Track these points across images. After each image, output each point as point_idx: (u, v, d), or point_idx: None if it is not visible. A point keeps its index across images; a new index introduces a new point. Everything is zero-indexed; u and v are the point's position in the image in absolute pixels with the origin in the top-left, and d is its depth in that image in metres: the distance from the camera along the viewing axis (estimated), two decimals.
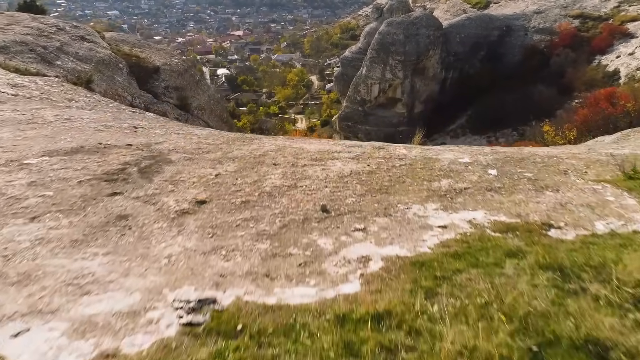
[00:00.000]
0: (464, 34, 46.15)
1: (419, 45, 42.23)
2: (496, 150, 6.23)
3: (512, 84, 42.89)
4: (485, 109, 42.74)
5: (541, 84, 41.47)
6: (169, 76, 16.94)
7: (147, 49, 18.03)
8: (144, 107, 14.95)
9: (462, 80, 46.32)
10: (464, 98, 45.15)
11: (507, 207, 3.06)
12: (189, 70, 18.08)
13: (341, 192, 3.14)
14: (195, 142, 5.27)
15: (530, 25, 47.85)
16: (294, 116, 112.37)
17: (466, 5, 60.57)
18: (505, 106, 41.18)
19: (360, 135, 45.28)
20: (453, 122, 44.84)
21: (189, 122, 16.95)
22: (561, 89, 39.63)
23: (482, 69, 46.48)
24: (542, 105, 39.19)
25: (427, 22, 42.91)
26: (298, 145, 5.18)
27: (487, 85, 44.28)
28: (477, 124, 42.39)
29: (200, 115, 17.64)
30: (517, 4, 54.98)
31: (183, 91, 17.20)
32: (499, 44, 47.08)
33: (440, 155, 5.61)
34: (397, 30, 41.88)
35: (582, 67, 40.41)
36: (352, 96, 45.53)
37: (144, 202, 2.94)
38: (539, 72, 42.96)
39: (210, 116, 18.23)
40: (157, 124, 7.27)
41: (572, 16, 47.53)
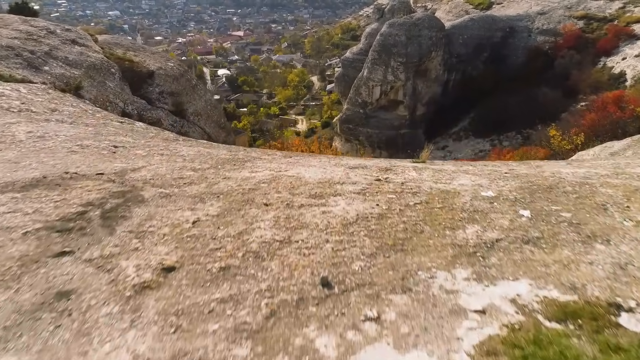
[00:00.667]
0: (467, 35, 45.50)
1: (421, 46, 41.58)
2: (516, 173, 5.58)
3: (516, 86, 42.23)
4: (488, 112, 42.08)
5: (545, 86, 40.82)
6: (164, 81, 16.32)
7: (141, 53, 17.41)
8: (137, 113, 14.34)
9: (465, 82, 45.68)
10: (466, 100, 44.49)
11: (555, 272, 2.43)
12: (185, 75, 17.46)
13: (346, 251, 2.51)
14: (179, 168, 4.63)
15: (534, 27, 47.17)
16: (294, 117, 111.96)
17: (468, 6, 59.91)
18: (508, 109, 40.52)
19: (362, 138, 44.67)
20: (456, 124, 44.19)
21: (185, 128, 16.34)
22: (566, 92, 38.96)
23: (485, 71, 45.82)
24: (547, 108, 38.54)
25: (429, 24, 42.27)
26: (295, 173, 4.54)
27: (490, 88, 43.62)
28: (480, 127, 41.74)
29: (196, 121, 17.02)
30: (520, 5, 54.31)
31: (178, 96, 16.57)
32: (502, 46, 46.42)
33: (455, 181, 4.97)
34: (399, 32, 41.24)
35: (587, 69, 39.74)
36: (353, 98, 44.90)
37: (96, 269, 2.32)
38: (543, 74, 42.29)
39: (207, 122, 17.60)
40: (142, 139, 6.62)
41: (577, 17, 46.84)
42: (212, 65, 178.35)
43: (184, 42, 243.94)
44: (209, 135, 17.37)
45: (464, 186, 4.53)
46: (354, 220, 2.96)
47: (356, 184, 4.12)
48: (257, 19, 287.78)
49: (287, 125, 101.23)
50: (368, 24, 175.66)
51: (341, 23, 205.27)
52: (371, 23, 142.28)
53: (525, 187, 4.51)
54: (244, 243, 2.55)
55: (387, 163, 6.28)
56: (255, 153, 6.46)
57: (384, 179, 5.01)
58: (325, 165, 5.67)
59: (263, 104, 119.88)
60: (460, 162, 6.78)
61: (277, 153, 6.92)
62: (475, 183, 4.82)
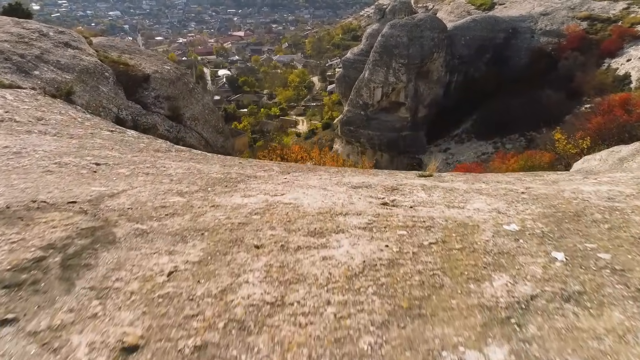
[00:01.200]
0: (469, 37, 45.03)
1: (423, 48, 41.12)
2: (534, 193, 5.10)
3: (519, 88, 41.78)
4: (490, 114, 41.65)
5: (549, 88, 40.36)
6: (160, 85, 15.85)
7: (137, 55, 16.95)
8: (132, 119, 13.90)
9: (467, 84, 45.23)
10: (469, 102, 44.07)
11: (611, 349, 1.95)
12: (182, 78, 17.00)
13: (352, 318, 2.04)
14: (163, 192, 4.16)
15: (537, 28, 46.69)
16: (295, 118, 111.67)
17: (470, 6, 59.45)
18: (511, 111, 40.07)
19: (363, 140, 44.22)
20: (458, 126, 43.74)
21: (181, 134, 15.88)
22: (570, 94, 38.49)
23: (488, 72, 45.37)
24: (551, 110, 38.09)
25: (431, 25, 41.80)
26: (293, 198, 4.08)
27: (492, 89, 43.18)
28: (482, 129, 41.28)
29: (193, 126, 16.56)
30: (522, 6, 53.84)
31: (175, 101, 16.11)
32: (504, 47, 45.95)
33: (470, 204, 4.53)
34: (400, 33, 40.78)
35: (591, 71, 39.26)
36: (354, 100, 44.44)
37: (40, 347, 1.85)
38: (547, 75, 41.83)
39: (205, 127, 17.14)
40: (129, 154, 6.16)
41: (580, 18, 46.36)
42: (212, 66, 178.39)
43: (185, 43, 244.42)
44: (207, 141, 16.92)
45: (481, 213, 4.05)
46: (360, 270, 2.49)
47: (361, 214, 3.65)
48: (257, 19, 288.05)
49: (287, 126, 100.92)
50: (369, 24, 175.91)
51: (342, 23, 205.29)
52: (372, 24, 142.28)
53: (549, 214, 4.03)
54: (227, 306, 2.09)
55: (392, 180, 5.80)
56: (250, 169, 5.99)
57: (391, 202, 4.54)
58: (326, 184, 5.21)
59: (263, 105, 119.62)
60: (470, 176, 6.30)
61: (274, 168, 6.45)
62: (492, 208, 4.36)
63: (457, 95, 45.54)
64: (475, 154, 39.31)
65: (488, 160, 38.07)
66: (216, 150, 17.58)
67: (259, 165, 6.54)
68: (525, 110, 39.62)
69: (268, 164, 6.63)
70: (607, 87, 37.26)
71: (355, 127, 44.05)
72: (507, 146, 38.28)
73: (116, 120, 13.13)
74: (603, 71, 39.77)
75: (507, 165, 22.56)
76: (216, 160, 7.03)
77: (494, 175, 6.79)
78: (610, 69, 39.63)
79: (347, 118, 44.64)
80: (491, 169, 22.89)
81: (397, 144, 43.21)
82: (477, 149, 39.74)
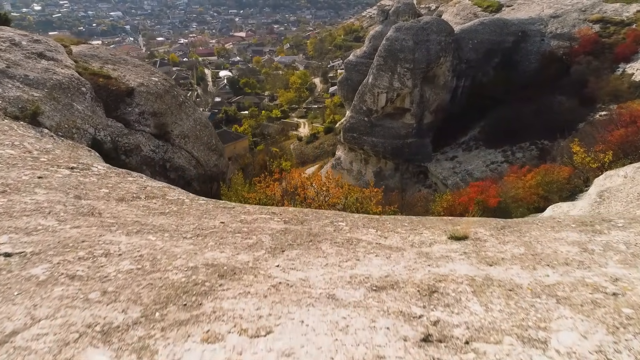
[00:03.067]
0: (477, 40, 43.41)
1: (429, 52, 39.53)
2: (635, 302, 3.55)
3: (529, 94, 40.17)
4: (499, 121, 40.03)
5: (561, 94, 38.72)
6: (146, 99, 14.32)
7: (122, 66, 15.42)
8: (111, 140, 12.37)
9: (475, 89, 43.62)
10: (476, 108, 42.46)
11: None
12: (171, 91, 15.46)
13: None
14: (77, 338, 2.60)
15: (547, 31, 45.04)
16: (296, 120, 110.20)
17: (477, 8, 57.82)
18: (521, 118, 38.45)
19: (366, 147, 42.64)
20: (465, 133, 42.13)
21: (169, 154, 14.35)
22: (583, 100, 36.82)
23: (496, 77, 43.74)
24: (563, 117, 36.43)
25: (437, 28, 40.20)
26: (284, 347, 2.52)
27: (501, 95, 41.56)
28: (491, 137, 39.65)
29: (182, 144, 15.03)
30: (531, 8, 52.18)
31: (162, 117, 14.58)
32: (514, 51, 44.32)
33: (554, 332, 3.05)
34: (406, 36, 39.19)
35: (605, 77, 37.58)
36: (357, 106, 42.87)
37: None
38: (558, 81, 40.17)
39: (195, 144, 15.61)
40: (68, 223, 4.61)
41: (592, 21, 44.68)
42: (213, 67, 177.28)
43: (186, 43, 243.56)
44: (197, 160, 15.38)
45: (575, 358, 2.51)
46: None
47: None
48: (259, 20, 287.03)
49: (288, 129, 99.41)
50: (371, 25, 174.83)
51: (344, 24, 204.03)
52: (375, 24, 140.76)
53: None
54: None
55: (425, 271, 4.22)
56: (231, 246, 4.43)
57: (436, 331, 3.02)
58: (335, 282, 3.69)
59: (264, 107, 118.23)
60: (522, 246, 4.74)
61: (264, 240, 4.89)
62: (593, 346, 2.87)
63: (465, 101, 43.93)
64: (484, 162, 37.66)
65: (498, 170, 36.43)
66: (208, 170, 16.06)
67: (245, 232, 4.98)
68: (536, 117, 37.99)
69: (257, 229, 5.08)
70: (623, 94, 35.62)
71: (359, 134, 42.48)
72: (517, 155, 36.65)
73: (92, 143, 11.61)
74: (617, 77, 38.09)
75: (524, 181, 20.98)
76: (192, 219, 5.47)
77: (549, 239, 5.17)
78: (626, 74, 37.95)
79: (350, 124, 43.07)
80: (506, 185, 21.30)
81: (402, 151, 41.63)
82: (486, 158, 38.10)
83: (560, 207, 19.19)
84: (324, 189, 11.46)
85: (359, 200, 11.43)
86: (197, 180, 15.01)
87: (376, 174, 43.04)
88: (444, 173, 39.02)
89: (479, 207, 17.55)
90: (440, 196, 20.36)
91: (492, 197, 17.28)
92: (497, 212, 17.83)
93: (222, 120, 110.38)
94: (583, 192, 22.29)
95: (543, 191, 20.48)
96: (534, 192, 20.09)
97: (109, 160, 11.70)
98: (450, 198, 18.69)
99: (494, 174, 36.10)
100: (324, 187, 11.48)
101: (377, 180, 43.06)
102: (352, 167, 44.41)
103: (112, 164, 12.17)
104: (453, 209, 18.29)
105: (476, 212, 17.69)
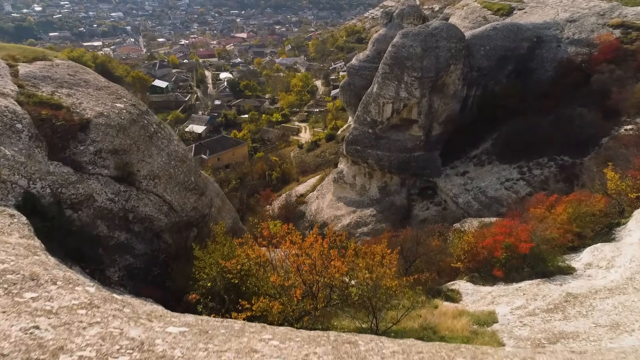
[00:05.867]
0: (489, 46, 40.60)
1: (439, 59, 36.76)
2: None
3: (546, 104, 37.35)
4: (514, 133, 37.23)
5: (580, 106, 35.88)
6: (104, 134, 11.62)
7: (80, 90, 12.72)
8: (51, 193, 9.67)
9: (487, 99, 40.81)
10: (488, 119, 39.68)
11: None
12: (139, 120, 12.76)
13: None
14: None
15: (564, 36, 42.18)
16: (297, 124, 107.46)
17: (486, 11, 55.00)
18: (537, 130, 35.65)
19: (371, 160, 39.91)
20: (476, 146, 39.32)
21: (132, 202, 11.65)
22: (606, 113, 33.97)
23: (510, 86, 40.93)
24: (584, 131, 33.63)
25: (448, 33, 37.43)
26: None
27: (515, 105, 38.75)
28: (505, 150, 36.84)
29: (151, 187, 12.32)
30: (545, 11, 49.34)
31: (126, 155, 11.88)
32: (528, 58, 41.47)
33: None
34: (413, 43, 36.44)
35: (629, 87, 34.70)
36: (361, 117, 40.11)
37: None
38: (577, 90, 37.33)
39: (168, 185, 12.90)
40: None
41: (612, 25, 41.78)
42: (214, 68, 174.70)
43: (187, 44, 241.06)
44: (170, 205, 12.67)
45: None
46: None
47: None
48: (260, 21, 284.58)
49: (289, 134, 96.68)
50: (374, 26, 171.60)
51: (346, 25, 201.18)
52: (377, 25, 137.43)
53: None
54: None
55: None
56: None
57: None
58: None
59: (265, 110, 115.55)
60: None
61: None
62: None
63: (476, 112, 41.14)
64: (498, 179, 34.86)
65: (514, 188, 33.65)
66: (184, 215, 13.36)
67: None
68: (553, 130, 35.19)
69: None
70: None
71: (363, 147, 39.73)
72: (534, 172, 33.84)
73: (23, 200, 8.92)
74: None
75: (554, 215, 18.24)
76: None
77: None
78: None
79: (353, 136, 40.32)
80: (534, 221, 18.54)
81: (408, 165, 38.86)
82: (500, 174, 35.28)
83: (601, 251, 16.39)
84: (325, 264, 8.76)
85: (371, 279, 8.75)
86: (169, 230, 12.34)
87: (381, 190, 40.28)
88: (454, 190, 36.24)
89: (506, 253, 14.83)
90: (460, 236, 17.63)
91: (523, 240, 14.55)
92: (529, 258, 15.10)
93: (222, 125, 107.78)
94: (620, 227, 19.52)
95: (578, 227, 17.73)
96: (568, 229, 17.33)
97: (46, 220, 8.97)
98: (472, 239, 15.97)
99: (509, 193, 33.32)
100: (325, 263, 8.79)
101: (382, 195, 40.32)
102: (355, 182, 41.66)
103: (52, 223, 9.37)
104: (475, 252, 15.58)
105: (504, 258, 14.96)
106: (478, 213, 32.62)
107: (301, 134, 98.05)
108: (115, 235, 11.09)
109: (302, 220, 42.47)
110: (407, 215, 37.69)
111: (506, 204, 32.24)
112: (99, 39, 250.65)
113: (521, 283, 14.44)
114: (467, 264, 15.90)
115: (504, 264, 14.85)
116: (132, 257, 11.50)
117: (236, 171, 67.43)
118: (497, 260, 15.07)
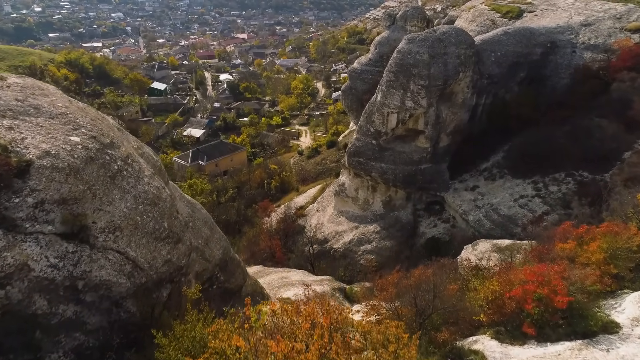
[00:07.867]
0: (500, 52, 38.27)
1: (447, 66, 34.46)
2: None
3: (561, 114, 35.03)
4: (527, 145, 34.95)
5: (599, 116, 33.54)
6: (49, 180, 9.29)
7: (27, 119, 10.42)
8: None
9: (497, 108, 38.49)
10: (499, 129, 37.37)
11: None
12: (99, 157, 10.42)
13: None
14: None
15: (579, 41, 39.82)
16: (297, 128, 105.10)
17: (495, 14, 52.62)
18: (553, 142, 33.35)
19: (374, 174, 37.60)
20: (487, 158, 37.01)
21: (82, 266, 9.33)
22: (628, 124, 31.61)
23: (522, 94, 38.61)
24: (605, 144, 31.29)
25: (456, 39, 35.11)
26: None
27: (528, 114, 36.45)
28: (518, 164, 34.52)
29: (110, 242, 9.99)
30: (557, 14, 46.94)
31: (78, 204, 9.57)
32: (542, 64, 39.12)
33: None
34: (420, 49, 34.13)
35: None
36: (364, 127, 37.81)
37: None
38: (595, 100, 34.98)
39: (134, 237, 10.57)
40: None
41: (630, 30, 39.41)
42: (213, 70, 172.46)
43: (187, 45, 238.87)
44: (135, 263, 10.36)
45: None
46: None
47: None
48: (261, 21, 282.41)
49: (289, 138, 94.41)
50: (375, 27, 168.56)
51: (347, 26, 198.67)
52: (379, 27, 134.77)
53: None
54: None
55: None
56: None
57: None
58: None
59: (265, 113, 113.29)
60: None
61: None
62: None
63: (485, 121, 38.82)
64: (511, 196, 32.52)
65: (529, 206, 31.29)
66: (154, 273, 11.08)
67: None
68: (570, 142, 32.87)
69: None
70: None
71: (366, 159, 37.44)
72: (551, 189, 31.49)
73: None
74: None
75: (587, 252, 15.94)
76: None
77: None
78: None
79: (355, 148, 38.01)
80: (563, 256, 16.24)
81: (414, 178, 36.56)
82: (514, 190, 32.94)
83: None
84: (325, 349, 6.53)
85: None
86: (133, 296, 10.05)
87: (385, 204, 37.98)
88: (463, 206, 33.91)
89: (539, 307, 12.54)
90: (482, 282, 15.34)
91: (560, 293, 12.24)
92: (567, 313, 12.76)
93: (221, 128, 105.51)
94: None
95: (616, 268, 15.40)
96: (605, 271, 15.03)
97: None
98: (497, 287, 13.67)
99: (524, 212, 30.97)
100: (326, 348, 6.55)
101: (387, 210, 38.01)
102: (357, 196, 39.36)
103: None
104: (501, 303, 13.30)
105: (536, 313, 12.65)
106: (490, 232, 30.32)
107: (302, 139, 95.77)
108: (60, 310, 8.78)
109: (302, 235, 40.20)
110: (413, 233, 35.38)
111: (521, 223, 29.95)
112: (98, 40, 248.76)
113: (558, 346, 12.15)
114: (491, 315, 13.60)
115: (536, 320, 12.55)
116: (83, 335, 9.18)
117: (234, 179, 65.12)
118: (528, 315, 12.76)
